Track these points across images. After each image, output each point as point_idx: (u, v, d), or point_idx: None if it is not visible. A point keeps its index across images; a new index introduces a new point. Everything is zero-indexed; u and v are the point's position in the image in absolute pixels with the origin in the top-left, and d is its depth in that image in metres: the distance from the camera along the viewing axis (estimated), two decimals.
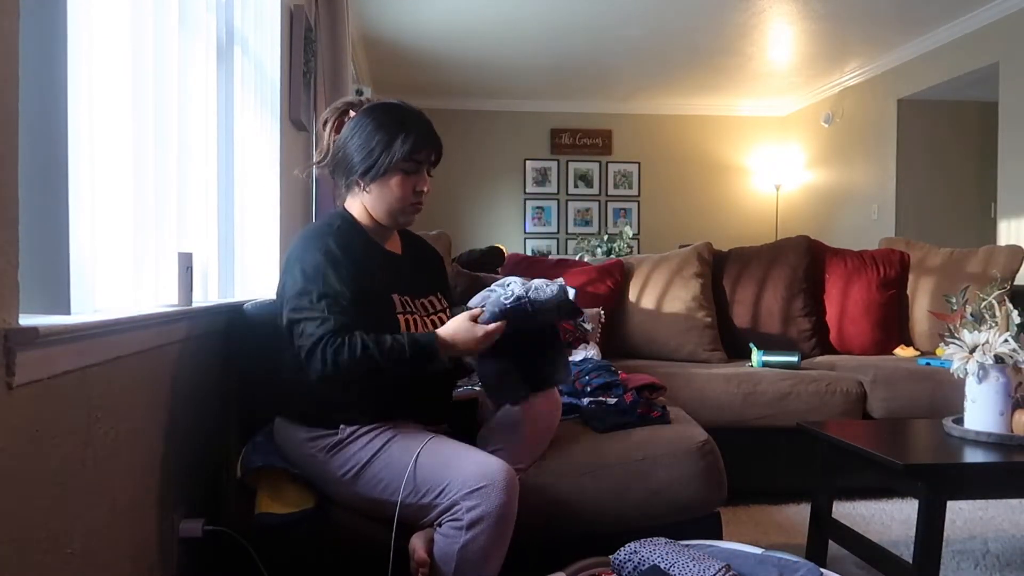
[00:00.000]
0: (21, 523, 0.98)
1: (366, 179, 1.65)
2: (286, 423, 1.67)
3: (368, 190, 1.66)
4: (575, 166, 8.22)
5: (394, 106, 1.69)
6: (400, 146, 1.62)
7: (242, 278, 2.32)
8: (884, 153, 6.48)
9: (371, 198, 1.67)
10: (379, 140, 1.62)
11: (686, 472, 1.78)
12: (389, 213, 1.68)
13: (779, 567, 1.33)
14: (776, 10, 5.32)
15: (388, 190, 1.65)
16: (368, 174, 1.64)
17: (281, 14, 2.76)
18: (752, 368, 2.99)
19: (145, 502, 1.45)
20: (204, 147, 1.93)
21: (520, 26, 5.70)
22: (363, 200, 1.68)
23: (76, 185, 1.16)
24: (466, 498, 1.45)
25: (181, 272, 1.58)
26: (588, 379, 2.14)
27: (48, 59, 1.10)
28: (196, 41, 1.87)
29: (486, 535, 1.45)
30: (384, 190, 1.65)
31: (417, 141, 1.63)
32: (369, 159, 1.63)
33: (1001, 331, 1.92)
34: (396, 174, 1.64)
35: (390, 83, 7.12)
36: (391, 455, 1.55)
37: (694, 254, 3.37)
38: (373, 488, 1.56)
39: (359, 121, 1.66)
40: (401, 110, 1.68)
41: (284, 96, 2.83)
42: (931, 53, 5.88)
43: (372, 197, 1.67)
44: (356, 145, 1.64)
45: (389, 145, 1.62)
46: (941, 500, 1.75)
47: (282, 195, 2.76)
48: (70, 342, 1.07)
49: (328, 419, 1.60)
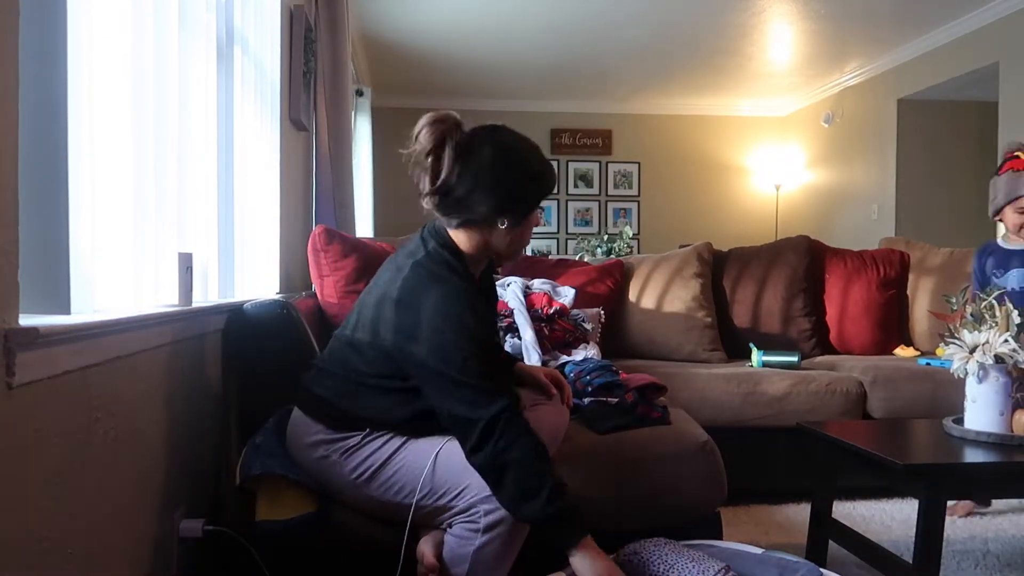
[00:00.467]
0: (21, 523, 0.98)
1: (511, 221, 1.57)
2: (306, 419, 1.61)
3: (503, 228, 1.57)
4: (575, 166, 8.22)
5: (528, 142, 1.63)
6: (545, 190, 1.60)
7: (242, 278, 2.32)
8: (884, 153, 6.48)
9: (502, 236, 1.58)
10: (531, 180, 1.58)
11: (686, 472, 1.78)
12: (517, 251, 1.64)
13: (779, 567, 1.33)
14: (776, 10, 5.32)
15: (524, 230, 1.61)
16: (515, 217, 1.57)
17: (281, 14, 2.76)
18: (752, 368, 2.99)
19: (145, 502, 1.45)
20: (204, 147, 1.93)
21: (520, 26, 5.70)
22: (488, 237, 1.59)
23: (76, 185, 1.16)
24: (485, 501, 1.44)
25: (181, 272, 1.58)
26: (589, 379, 2.14)
27: (48, 59, 1.10)
28: (196, 41, 1.87)
29: (501, 539, 1.44)
30: (520, 229, 1.60)
31: (552, 184, 1.63)
32: (519, 200, 1.57)
33: (1001, 331, 1.92)
34: (533, 215, 1.62)
35: (390, 83, 7.12)
36: (407, 458, 1.53)
37: (694, 254, 3.37)
38: (388, 489, 1.54)
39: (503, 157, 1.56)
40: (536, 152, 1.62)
41: (284, 96, 2.83)
42: (931, 53, 5.88)
43: (503, 235, 1.58)
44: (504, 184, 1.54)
45: (536, 187, 1.58)
46: (941, 500, 1.75)
47: (282, 195, 2.76)
48: (70, 342, 1.07)
49: (355, 427, 1.56)
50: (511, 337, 2.48)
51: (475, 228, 1.58)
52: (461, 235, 1.59)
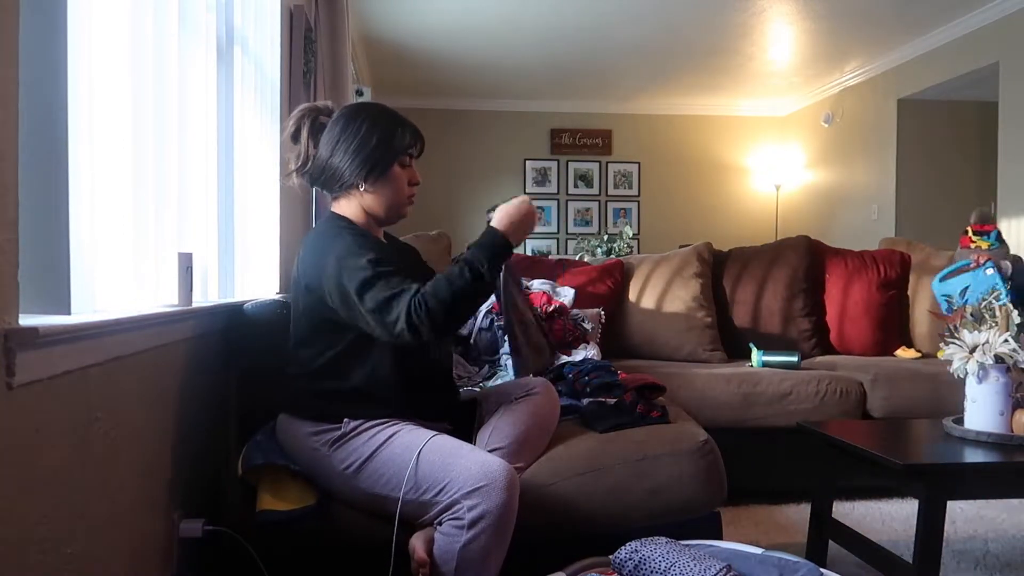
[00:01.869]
0: (21, 523, 0.98)
1: (370, 179, 1.67)
2: (290, 419, 1.68)
3: (369, 190, 1.68)
4: (575, 166, 8.22)
5: (376, 106, 1.74)
6: (399, 141, 1.67)
7: (242, 278, 2.32)
8: (884, 153, 6.48)
9: (372, 197, 1.69)
10: (378, 139, 1.65)
11: (686, 472, 1.78)
12: (391, 208, 1.71)
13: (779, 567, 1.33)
14: (776, 10, 5.32)
15: (389, 186, 1.69)
16: (372, 173, 1.66)
17: (281, 14, 2.76)
18: (752, 368, 2.99)
19: (145, 502, 1.45)
20: (204, 147, 1.93)
21: (520, 26, 5.70)
22: (360, 201, 1.70)
23: (76, 185, 1.16)
24: (467, 497, 1.46)
25: (181, 272, 1.58)
26: (588, 379, 2.14)
27: (48, 59, 1.10)
28: (196, 41, 1.87)
29: (487, 534, 1.45)
30: (386, 187, 1.68)
31: (411, 134, 1.70)
32: (371, 159, 1.65)
33: (1001, 331, 1.92)
34: (394, 170, 1.68)
35: (390, 83, 7.12)
36: (393, 451, 1.56)
37: (694, 254, 3.37)
38: (375, 483, 1.57)
39: (348, 125, 1.67)
40: (385, 109, 1.73)
41: (284, 96, 2.83)
42: (931, 53, 5.88)
43: (373, 196, 1.69)
44: (351, 147, 1.65)
45: (389, 142, 1.66)
46: (941, 500, 1.75)
47: (282, 195, 2.76)
48: (70, 342, 1.07)
49: (333, 414, 1.61)
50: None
51: (348, 196, 1.70)
52: (342, 206, 1.72)
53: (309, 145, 1.71)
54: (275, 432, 1.73)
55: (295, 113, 1.75)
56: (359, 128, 1.66)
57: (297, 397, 1.68)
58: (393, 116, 1.71)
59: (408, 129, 1.70)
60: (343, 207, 1.73)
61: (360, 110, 1.70)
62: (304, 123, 1.72)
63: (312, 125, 1.72)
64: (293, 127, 1.73)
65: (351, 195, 1.71)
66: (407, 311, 1.46)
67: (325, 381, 1.64)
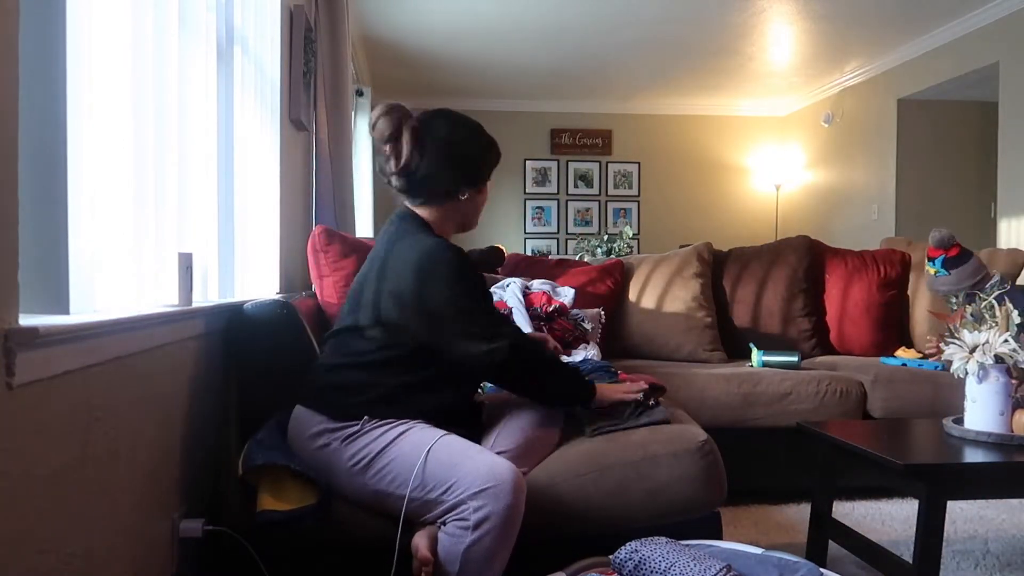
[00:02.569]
0: (21, 523, 0.98)
1: (473, 189, 1.73)
2: (308, 412, 1.65)
3: (465, 199, 1.73)
4: (575, 166, 8.22)
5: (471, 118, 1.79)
6: (495, 157, 1.76)
7: (242, 278, 2.32)
8: (884, 153, 6.48)
9: (461, 207, 1.74)
10: (482, 149, 1.73)
11: (686, 472, 1.78)
12: (471, 219, 1.79)
13: (779, 567, 1.33)
14: (776, 10, 5.32)
15: (479, 198, 1.77)
16: (474, 185, 1.73)
17: (281, 14, 2.76)
18: (752, 368, 2.99)
19: (145, 502, 1.45)
20: (204, 147, 1.93)
21: (520, 26, 5.70)
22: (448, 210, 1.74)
23: (76, 185, 1.16)
24: (473, 498, 1.46)
25: (181, 272, 1.58)
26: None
27: (48, 59, 1.10)
28: (196, 41, 1.87)
29: (492, 536, 1.45)
30: (476, 198, 1.76)
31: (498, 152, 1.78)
32: (476, 171, 1.73)
33: (1001, 331, 1.92)
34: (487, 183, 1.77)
35: (390, 83, 7.12)
36: (402, 448, 1.56)
37: (694, 254, 3.37)
38: (381, 480, 1.56)
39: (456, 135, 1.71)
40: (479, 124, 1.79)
41: (284, 96, 2.83)
42: (931, 53, 5.88)
43: (462, 205, 1.74)
44: (463, 157, 1.71)
45: (489, 155, 1.75)
46: (941, 500, 1.75)
47: (282, 195, 2.76)
48: (70, 342, 1.07)
49: (354, 411, 1.61)
50: None
51: (438, 203, 1.72)
52: (425, 212, 1.73)
53: (414, 148, 1.67)
54: (278, 427, 1.72)
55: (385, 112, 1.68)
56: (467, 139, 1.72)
57: (322, 390, 1.66)
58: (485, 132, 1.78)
59: (496, 146, 1.78)
60: (426, 213, 1.73)
61: (466, 120, 1.76)
62: (405, 125, 1.67)
63: (413, 129, 1.68)
64: (390, 128, 1.66)
65: (443, 203, 1.73)
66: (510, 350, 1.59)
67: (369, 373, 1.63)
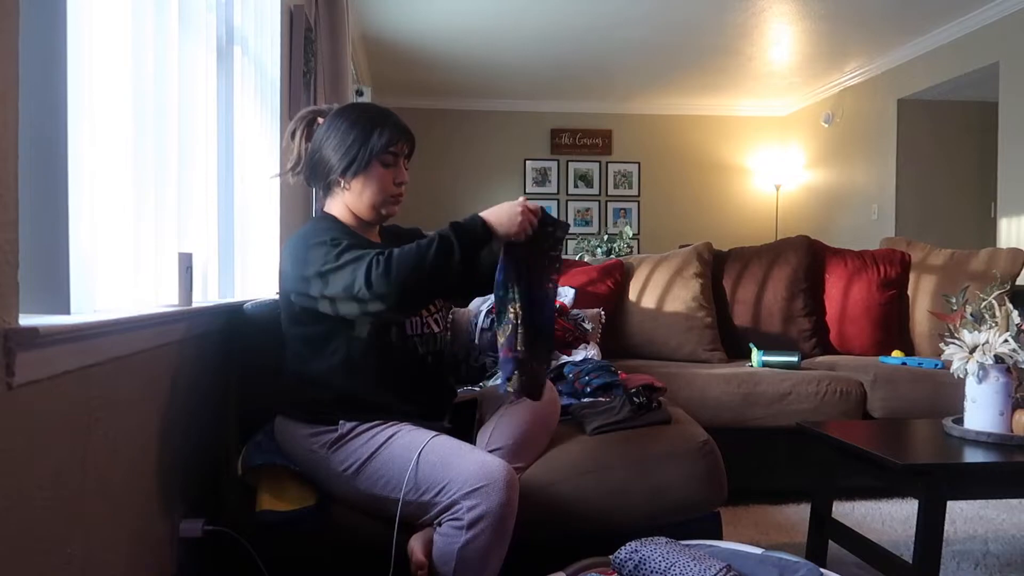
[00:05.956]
0: (21, 523, 0.98)
1: (347, 175, 1.67)
2: (287, 421, 1.68)
3: (349, 187, 1.69)
4: (575, 166, 8.22)
5: (365, 104, 1.76)
6: (377, 139, 1.66)
7: (242, 278, 2.32)
8: (884, 153, 6.48)
9: (353, 194, 1.69)
10: (355, 136, 1.66)
11: (686, 472, 1.78)
12: (372, 206, 1.70)
13: (779, 567, 1.33)
14: (776, 10, 5.32)
15: (370, 183, 1.68)
16: (349, 169, 1.67)
17: (281, 14, 2.76)
18: (752, 368, 2.99)
19: (145, 502, 1.45)
20: (204, 147, 1.93)
21: (520, 26, 5.70)
22: (344, 199, 1.71)
23: (76, 185, 1.16)
24: (466, 497, 1.46)
25: (181, 272, 1.58)
26: (588, 379, 2.14)
27: (48, 59, 1.10)
28: (196, 41, 1.87)
29: (486, 535, 1.45)
30: (366, 184, 1.68)
31: (392, 133, 1.68)
32: (348, 155, 1.66)
33: (1001, 331, 1.92)
34: (376, 167, 1.68)
35: (390, 83, 7.12)
36: (393, 452, 1.56)
37: (694, 254, 3.37)
38: (374, 484, 1.56)
39: (332, 123, 1.69)
40: (372, 107, 1.74)
41: (284, 96, 2.83)
42: (931, 53, 5.88)
43: (354, 193, 1.69)
44: (333, 144, 1.67)
45: (367, 139, 1.66)
46: (941, 500, 1.75)
47: (282, 195, 2.76)
48: (70, 342, 1.07)
49: (328, 416, 1.61)
50: None
51: (333, 194, 1.73)
52: (332, 204, 1.74)
53: (301, 145, 1.76)
54: (274, 433, 1.73)
55: (297, 115, 1.80)
56: (340, 125, 1.68)
57: (292, 399, 1.68)
58: (377, 114, 1.70)
59: (390, 127, 1.68)
60: (331, 205, 1.75)
61: (347, 108, 1.73)
62: (300, 124, 1.77)
63: (308, 126, 1.77)
64: (291, 128, 1.78)
65: (335, 193, 1.72)
66: (367, 267, 1.46)
67: (315, 387, 1.64)
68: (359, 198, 1.69)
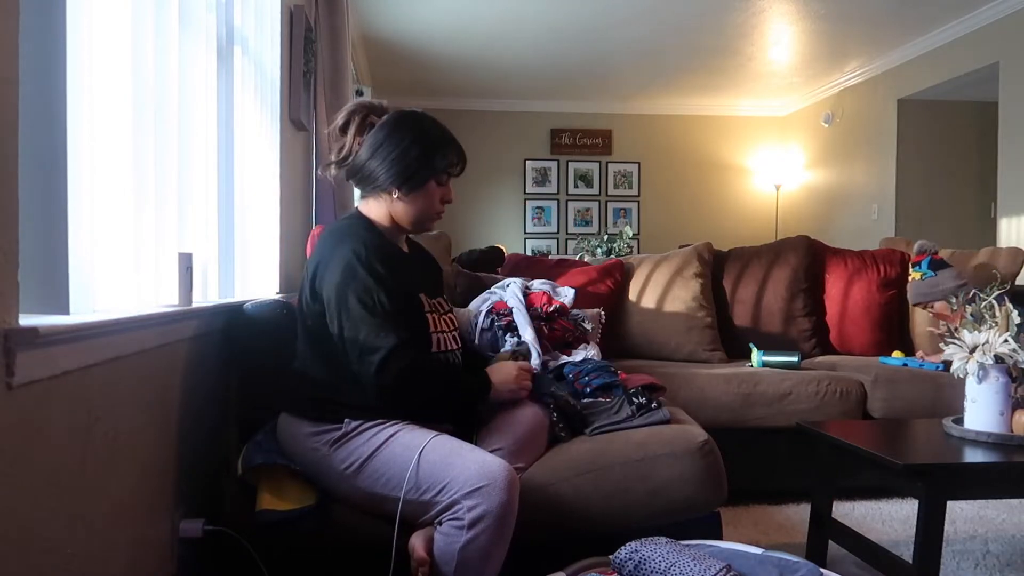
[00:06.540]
0: (21, 523, 0.98)
1: (403, 189, 1.70)
2: (290, 418, 1.68)
3: (399, 198, 1.71)
4: (575, 166, 8.22)
5: (426, 120, 1.76)
6: (440, 161, 1.71)
7: (242, 278, 2.32)
8: (884, 153, 6.48)
9: (403, 206, 1.72)
10: (417, 155, 1.69)
11: (686, 472, 1.78)
12: (418, 220, 1.75)
13: (779, 567, 1.33)
14: (776, 10, 5.32)
15: (419, 200, 1.72)
16: (406, 185, 1.70)
17: (281, 14, 2.76)
18: (752, 368, 2.99)
19: (145, 502, 1.45)
20: (204, 147, 1.93)
21: (520, 26, 5.70)
22: (390, 207, 1.73)
23: (76, 185, 1.16)
24: (467, 497, 1.46)
25: (181, 272, 1.58)
26: (587, 379, 2.13)
27: (48, 59, 1.10)
28: (196, 41, 1.87)
29: (487, 535, 1.45)
30: (416, 199, 1.72)
31: (452, 157, 1.73)
32: (407, 172, 1.69)
33: (1001, 331, 1.92)
34: (430, 186, 1.72)
35: (390, 83, 7.12)
36: (394, 451, 1.56)
37: (694, 254, 3.37)
38: (375, 483, 1.57)
39: (392, 134, 1.70)
40: (435, 126, 1.75)
41: (284, 96, 2.83)
42: (931, 53, 5.88)
43: (404, 205, 1.72)
44: (392, 157, 1.68)
45: (429, 161, 1.70)
46: (941, 500, 1.75)
47: (282, 195, 2.76)
48: (70, 342, 1.07)
49: (333, 414, 1.62)
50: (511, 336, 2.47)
51: (379, 198, 1.74)
52: (368, 205, 1.76)
53: (354, 141, 1.74)
54: (275, 432, 1.73)
55: (348, 106, 1.78)
56: (403, 138, 1.69)
57: (298, 396, 1.68)
58: (440, 134, 1.74)
59: (452, 150, 1.74)
60: (371, 207, 1.75)
61: (408, 119, 1.73)
62: (355, 118, 1.75)
63: (362, 122, 1.75)
64: (343, 120, 1.75)
65: (381, 198, 1.74)
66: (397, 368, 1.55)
67: (325, 386, 1.64)
68: (405, 211, 1.73)
